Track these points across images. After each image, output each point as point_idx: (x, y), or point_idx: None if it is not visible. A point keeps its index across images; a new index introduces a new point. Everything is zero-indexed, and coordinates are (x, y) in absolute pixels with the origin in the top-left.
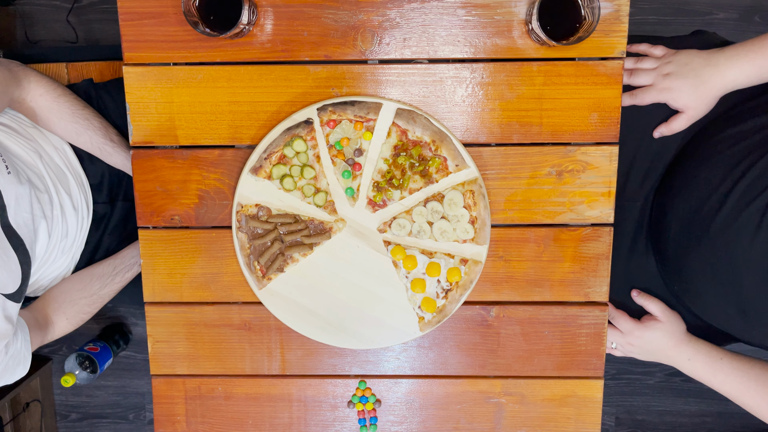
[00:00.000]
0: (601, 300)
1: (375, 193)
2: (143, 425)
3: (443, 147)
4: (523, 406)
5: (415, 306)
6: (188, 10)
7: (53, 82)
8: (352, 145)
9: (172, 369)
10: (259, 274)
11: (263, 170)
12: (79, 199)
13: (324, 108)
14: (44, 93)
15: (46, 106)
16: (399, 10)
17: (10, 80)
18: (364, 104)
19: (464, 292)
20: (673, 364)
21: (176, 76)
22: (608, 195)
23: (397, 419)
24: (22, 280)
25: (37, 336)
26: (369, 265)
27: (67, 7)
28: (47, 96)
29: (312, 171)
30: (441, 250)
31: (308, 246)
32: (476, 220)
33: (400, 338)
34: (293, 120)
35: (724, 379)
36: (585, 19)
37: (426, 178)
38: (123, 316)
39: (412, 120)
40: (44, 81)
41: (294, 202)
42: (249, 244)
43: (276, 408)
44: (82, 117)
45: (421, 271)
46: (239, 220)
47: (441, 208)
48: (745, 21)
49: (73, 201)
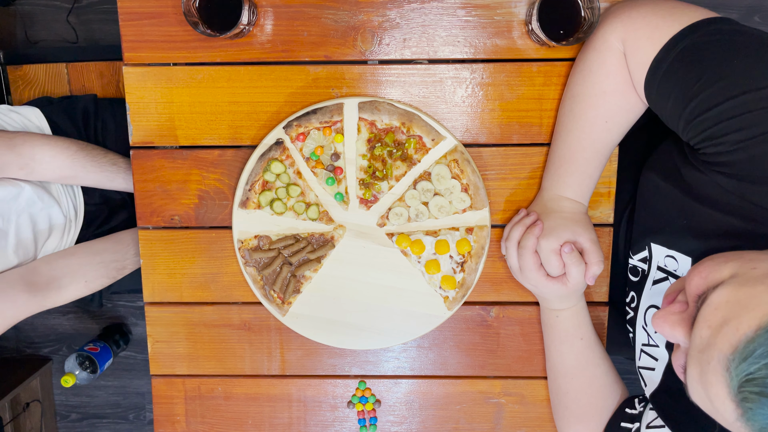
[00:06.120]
0: (601, 300)
1: (363, 190)
2: (143, 425)
3: (414, 126)
4: (523, 406)
5: (436, 288)
6: (188, 11)
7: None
8: (327, 152)
9: (171, 369)
10: (278, 301)
11: (251, 201)
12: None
13: (289, 124)
14: (56, 154)
15: (65, 164)
16: (399, 10)
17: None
18: (326, 109)
19: (479, 260)
20: (543, 306)
21: (176, 76)
22: (608, 195)
23: (397, 419)
24: None
25: (22, 299)
26: (380, 261)
27: (67, 7)
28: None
29: (297, 188)
30: (444, 226)
31: (316, 260)
32: (468, 186)
33: (432, 323)
34: (264, 145)
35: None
36: (585, 20)
37: (407, 161)
38: (123, 316)
39: (376, 109)
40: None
41: (290, 223)
42: (259, 276)
43: (276, 408)
44: (108, 164)
45: (431, 252)
46: (243, 256)
47: (431, 185)
48: (745, 21)
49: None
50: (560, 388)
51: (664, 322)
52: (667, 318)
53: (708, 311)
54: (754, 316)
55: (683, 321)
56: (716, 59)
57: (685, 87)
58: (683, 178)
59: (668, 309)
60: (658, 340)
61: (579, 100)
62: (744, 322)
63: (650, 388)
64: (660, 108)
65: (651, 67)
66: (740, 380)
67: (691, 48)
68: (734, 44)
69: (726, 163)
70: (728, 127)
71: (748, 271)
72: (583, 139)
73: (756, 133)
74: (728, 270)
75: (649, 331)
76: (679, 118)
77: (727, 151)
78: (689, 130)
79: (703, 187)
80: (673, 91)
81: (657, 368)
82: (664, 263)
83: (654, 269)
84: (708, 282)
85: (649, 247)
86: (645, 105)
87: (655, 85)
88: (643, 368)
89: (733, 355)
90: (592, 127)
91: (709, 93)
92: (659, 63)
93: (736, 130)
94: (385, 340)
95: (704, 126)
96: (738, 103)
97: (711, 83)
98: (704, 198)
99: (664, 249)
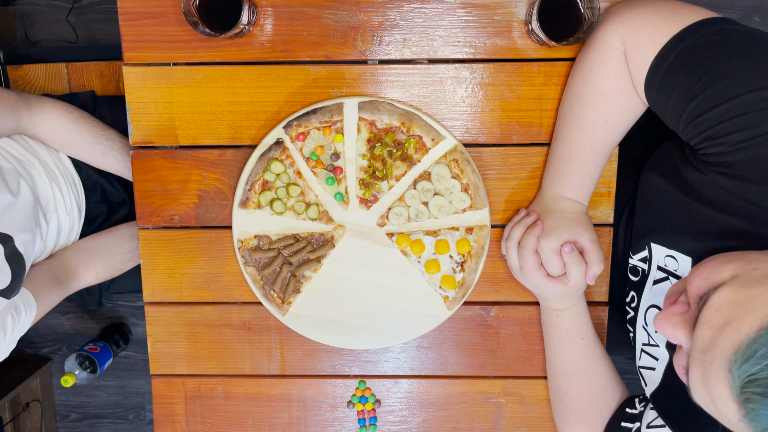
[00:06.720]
0: (601, 300)
1: (363, 190)
2: (143, 425)
3: (414, 126)
4: (523, 406)
5: (436, 288)
6: (188, 10)
7: (70, 106)
8: (327, 152)
9: (171, 369)
10: (278, 301)
11: (251, 201)
12: (70, 202)
13: (289, 124)
14: (61, 116)
15: (66, 128)
16: (399, 10)
17: (20, 103)
18: (326, 108)
19: (479, 260)
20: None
21: (176, 76)
22: (608, 195)
23: (397, 419)
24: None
25: (54, 294)
26: (379, 261)
27: (67, 7)
28: (64, 119)
29: (297, 188)
30: (444, 225)
31: (316, 260)
32: (468, 186)
33: (432, 323)
34: (264, 145)
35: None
36: (585, 19)
37: (407, 161)
38: (123, 316)
39: (376, 109)
40: (60, 105)
41: (290, 223)
42: (259, 276)
43: (275, 408)
44: (104, 137)
45: (431, 252)
46: (243, 256)
47: (431, 185)
48: (745, 21)
49: (66, 203)
50: (560, 387)
51: (666, 323)
52: (668, 319)
53: (709, 312)
54: (756, 317)
55: (685, 322)
56: (716, 59)
57: (686, 87)
58: (683, 178)
59: (670, 310)
60: (658, 340)
61: (579, 100)
62: (746, 323)
63: (650, 387)
64: (660, 108)
65: (651, 68)
66: (743, 381)
67: (691, 48)
68: (734, 44)
69: (726, 163)
70: (729, 128)
71: (749, 272)
72: (584, 139)
73: (756, 133)
74: (729, 271)
75: (649, 330)
76: (680, 119)
77: (728, 151)
78: (689, 131)
79: (704, 187)
80: (674, 92)
81: (657, 368)
82: (664, 263)
83: (654, 269)
84: (709, 283)
85: (649, 247)
86: (645, 105)
87: (655, 85)
88: (644, 368)
89: (735, 356)
90: (593, 127)
91: (710, 93)
92: (659, 63)
93: (736, 131)
94: (385, 340)
95: (704, 126)
96: (738, 104)
97: (711, 83)
98: (704, 198)
99: (664, 249)
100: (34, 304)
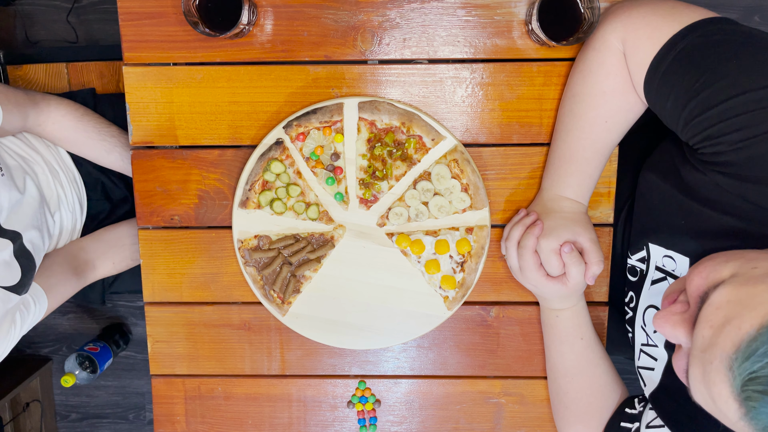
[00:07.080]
0: (601, 300)
1: (363, 190)
2: (143, 425)
3: (414, 126)
4: (523, 406)
5: (436, 288)
6: (188, 10)
7: (74, 103)
8: (327, 152)
9: (171, 369)
10: (278, 301)
11: (251, 201)
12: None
13: (289, 124)
14: (66, 114)
15: (71, 126)
16: (399, 10)
17: (27, 101)
18: (326, 108)
19: (479, 260)
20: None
21: (176, 76)
22: (608, 195)
23: (397, 419)
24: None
25: (70, 285)
26: (380, 261)
27: (67, 7)
28: (69, 116)
29: (297, 188)
30: (444, 226)
31: (316, 260)
32: (468, 186)
33: (432, 323)
34: (264, 145)
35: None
36: (585, 19)
37: (407, 161)
38: (123, 316)
39: (376, 109)
40: (65, 103)
41: (290, 223)
42: (259, 276)
43: (275, 408)
44: (108, 134)
45: (431, 252)
46: (243, 256)
47: (431, 185)
48: (745, 21)
49: (68, 200)
50: (560, 387)
51: (666, 323)
52: (668, 318)
53: (709, 311)
54: (756, 315)
55: (685, 321)
56: (716, 59)
57: (685, 87)
58: (682, 178)
59: (669, 309)
60: (657, 340)
61: (579, 100)
62: (746, 321)
63: (650, 387)
64: (659, 108)
65: (650, 67)
66: (743, 379)
67: (690, 48)
68: (734, 44)
69: (725, 163)
70: (727, 127)
71: (748, 271)
72: (583, 138)
73: (755, 133)
74: (729, 269)
75: (648, 331)
76: (679, 118)
77: (727, 151)
78: (688, 130)
79: (702, 187)
80: (673, 91)
81: (656, 368)
82: (662, 263)
83: (652, 269)
84: (709, 282)
85: (647, 247)
86: (645, 105)
87: (654, 84)
88: (643, 368)
89: (735, 354)
90: (592, 127)
91: (709, 93)
92: (659, 63)
93: (735, 130)
94: (384, 340)
95: (703, 126)
96: (737, 103)
97: (710, 83)
98: (703, 198)
99: (662, 249)
100: (45, 298)
